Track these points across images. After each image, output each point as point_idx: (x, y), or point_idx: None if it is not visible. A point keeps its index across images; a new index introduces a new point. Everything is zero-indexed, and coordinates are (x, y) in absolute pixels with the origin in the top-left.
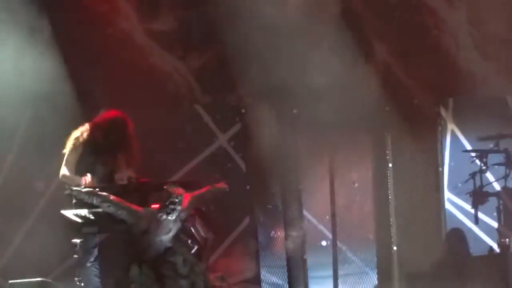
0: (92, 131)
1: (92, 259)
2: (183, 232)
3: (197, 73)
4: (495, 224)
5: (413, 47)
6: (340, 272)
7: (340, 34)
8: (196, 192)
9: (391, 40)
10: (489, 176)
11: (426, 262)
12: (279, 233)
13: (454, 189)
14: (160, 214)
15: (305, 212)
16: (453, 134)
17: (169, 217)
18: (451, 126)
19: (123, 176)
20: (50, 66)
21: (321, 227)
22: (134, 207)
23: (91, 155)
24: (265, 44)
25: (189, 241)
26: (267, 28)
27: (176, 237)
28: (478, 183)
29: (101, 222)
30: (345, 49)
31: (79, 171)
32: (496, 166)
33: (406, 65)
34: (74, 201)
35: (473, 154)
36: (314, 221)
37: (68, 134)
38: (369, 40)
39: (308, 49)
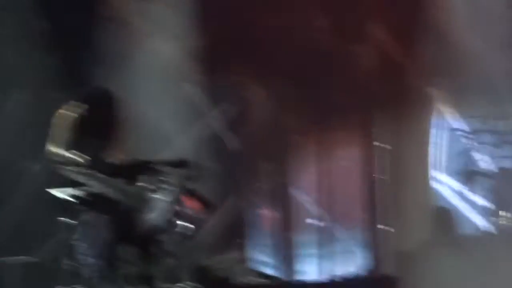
0: (79, 107)
1: (78, 237)
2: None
3: (192, 52)
4: (483, 203)
5: (407, 25)
6: (327, 251)
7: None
8: (185, 171)
9: (384, 18)
10: (477, 155)
11: (413, 241)
12: (266, 212)
13: (441, 168)
14: (148, 193)
15: (291, 190)
16: (442, 113)
17: (158, 196)
18: (439, 105)
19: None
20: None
21: (308, 205)
22: (122, 185)
23: (78, 131)
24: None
25: (177, 220)
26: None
27: (164, 215)
28: (466, 162)
29: (89, 200)
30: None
31: (67, 148)
32: (484, 145)
33: (398, 44)
34: (60, 179)
35: (462, 133)
36: (302, 199)
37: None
38: (362, 18)
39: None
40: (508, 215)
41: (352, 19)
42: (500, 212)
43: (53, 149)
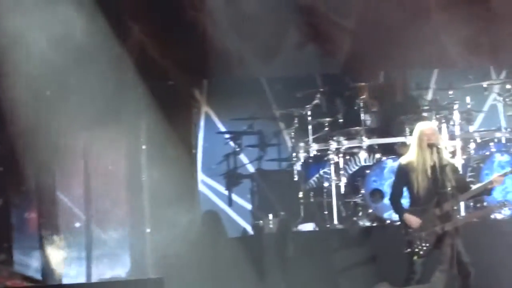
0: None
1: None
2: None
3: None
4: (248, 206)
5: (169, 26)
6: (93, 254)
7: (94, 13)
8: None
9: (146, 19)
10: (243, 158)
11: (180, 244)
12: (32, 215)
13: (208, 171)
14: None
15: (58, 194)
16: (207, 116)
17: None
18: (205, 108)
19: None
20: None
21: (75, 208)
22: None
23: None
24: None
25: None
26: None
27: None
28: (232, 165)
29: None
30: (99, 30)
31: None
32: (250, 148)
33: (161, 45)
34: None
35: (227, 136)
36: (68, 202)
37: None
38: (124, 19)
39: (62, 30)
40: (271, 216)
41: (112, 17)
42: (264, 214)
43: None
